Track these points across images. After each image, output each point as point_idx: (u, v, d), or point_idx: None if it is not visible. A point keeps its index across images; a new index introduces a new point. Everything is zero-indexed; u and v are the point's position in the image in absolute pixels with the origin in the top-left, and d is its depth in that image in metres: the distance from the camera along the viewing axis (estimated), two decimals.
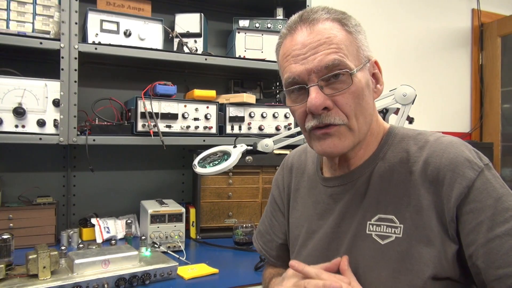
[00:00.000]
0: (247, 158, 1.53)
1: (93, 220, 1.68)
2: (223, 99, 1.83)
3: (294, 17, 0.80)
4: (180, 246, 1.53)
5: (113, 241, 1.42)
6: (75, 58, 1.52)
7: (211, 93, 1.77)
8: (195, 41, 1.89)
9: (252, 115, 1.83)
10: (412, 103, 1.24)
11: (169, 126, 1.68)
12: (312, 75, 0.74)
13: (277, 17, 2.06)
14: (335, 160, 0.86)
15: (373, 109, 0.81)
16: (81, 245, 1.34)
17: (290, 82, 0.78)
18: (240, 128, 1.83)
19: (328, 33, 0.75)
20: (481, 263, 0.69)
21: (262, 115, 1.85)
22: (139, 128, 1.62)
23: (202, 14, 1.90)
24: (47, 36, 1.52)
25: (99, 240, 1.63)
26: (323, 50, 0.74)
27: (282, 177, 1.04)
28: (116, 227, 1.70)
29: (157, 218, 1.53)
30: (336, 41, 0.74)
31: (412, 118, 1.56)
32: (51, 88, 1.50)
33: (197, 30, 1.89)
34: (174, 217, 1.56)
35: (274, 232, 1.04)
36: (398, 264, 0.74)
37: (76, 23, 1.53)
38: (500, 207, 0.70)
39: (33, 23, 1.51)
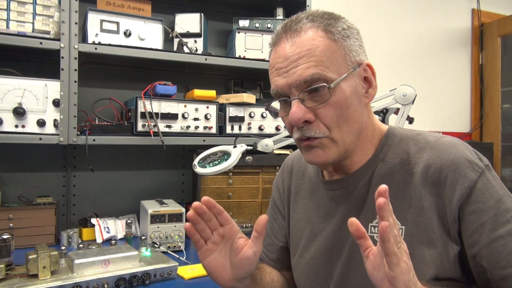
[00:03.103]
0: (247, 158, 1.53)
1: (93, 220, 1.68)
2: (223, 99, 1.83)
3: (279, 27, 0.79)
4: (180, 246, 1.53)
5: (113, 241, 1.42)
6: (75, 58, 1.52)
7: (211, 93, 1.77)
8: (195, 41, 1.89)
9: (252, 115, 1.83)
10: (412, 103, 1.24)
11: (169, 126, 1.68)
12: (292, 89, 0.75)
13: (277, 17, 2.06)
14: (329, 168, 0.86)
15: (363, 114, 0.79)
16: (81, 245, 1.34)
17: (275, 94, 0.79)
18: (240, 128, 1.83)
19: (309, 44, 0.73)
20: (485, 263, 0.69)
21: (262, 115, 1.85)
22: (139, 128, 1.62)
23: (202, 14, 1.90)
24: (47, 36, 1.52)
25: (99, 240, 1.63)
26: (302, 64, 0.73)
27: (282, 180, 1.04)
28: (116, 227, 1.70)
29: (157, 218, 1.53)
30: (317, 53, 0.73)
31: (412, 118, 1.56)
32: (51, 88, 1.50)
33: (197, 30, 1.89)
34: (174, 217, 1.55)
35: (274, 235, 1.03)
36: None
37: (76, 23, 1.53)
38: (502, 208, 0.70)
39: (33, 23, 1.51)
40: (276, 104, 0.82)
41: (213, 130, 1.77)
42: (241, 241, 0.78)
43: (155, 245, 1.49)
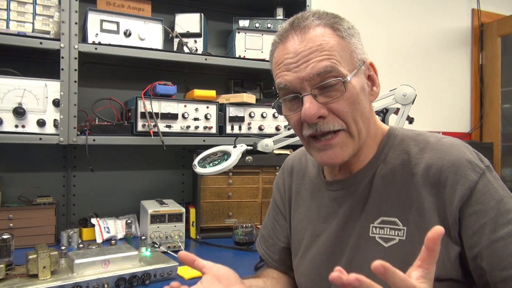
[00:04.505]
0: (247, 158, 1.53)
1: (93, 220, 1.68)
2: (223, 99, 1.83)
3: (285, 24, 0.79)
4: (180, 246, 1.53)
5: (113, 241, 1.42)
6: (75, 58, 1.52)
7: (211, 93, 1.77)
8: (195, 41, 1.89)
9: (252, 115, 1.83)
10: (412, 103, 1.24)
11: (169, 126, 1.68)
12: (304, 83, 0.74)
13: (277, 17, 2.06)
14: (335, 168, 0.86)
15: (370, 112, 0.80)
16: (81, 245, 1.33)
17: (282, 88, 0.77)
18: (240, 128, 1.83)
19: (319, 40, 0.74)
20: (485, 264, 0.69)
21: (262, 115, 1.85)
22: (139, 128, 1.62)
23: (202, 14, 1.90)
24: (47, 36, 1.52)
25: (99, 240, 1.63)
26: (315, 58, 0.73)
27: (283, 180, 1.04)
28: (116, 227, 1.70)
29: (157, 218, 1.53)
30: (327, 47, 0.73)
31: (412, 118, 1.56)
32: (51, 88, 1.49)
33: (197, 30, 1.89)
34: (174, 217, 1.55)
35: (276, 236, 1.03)
36: (402, 267, 0.73)
37: (76, 23, 1.52)
38: (503, 209, 0.70)
39: (33, 23, 1.51)
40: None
41: (213, 130, 1.77)
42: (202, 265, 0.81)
43: (155, 245, 1.49)
